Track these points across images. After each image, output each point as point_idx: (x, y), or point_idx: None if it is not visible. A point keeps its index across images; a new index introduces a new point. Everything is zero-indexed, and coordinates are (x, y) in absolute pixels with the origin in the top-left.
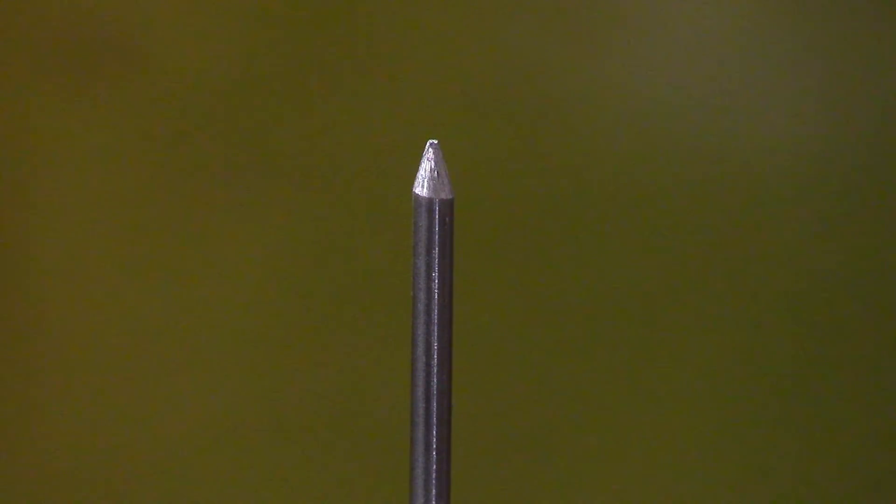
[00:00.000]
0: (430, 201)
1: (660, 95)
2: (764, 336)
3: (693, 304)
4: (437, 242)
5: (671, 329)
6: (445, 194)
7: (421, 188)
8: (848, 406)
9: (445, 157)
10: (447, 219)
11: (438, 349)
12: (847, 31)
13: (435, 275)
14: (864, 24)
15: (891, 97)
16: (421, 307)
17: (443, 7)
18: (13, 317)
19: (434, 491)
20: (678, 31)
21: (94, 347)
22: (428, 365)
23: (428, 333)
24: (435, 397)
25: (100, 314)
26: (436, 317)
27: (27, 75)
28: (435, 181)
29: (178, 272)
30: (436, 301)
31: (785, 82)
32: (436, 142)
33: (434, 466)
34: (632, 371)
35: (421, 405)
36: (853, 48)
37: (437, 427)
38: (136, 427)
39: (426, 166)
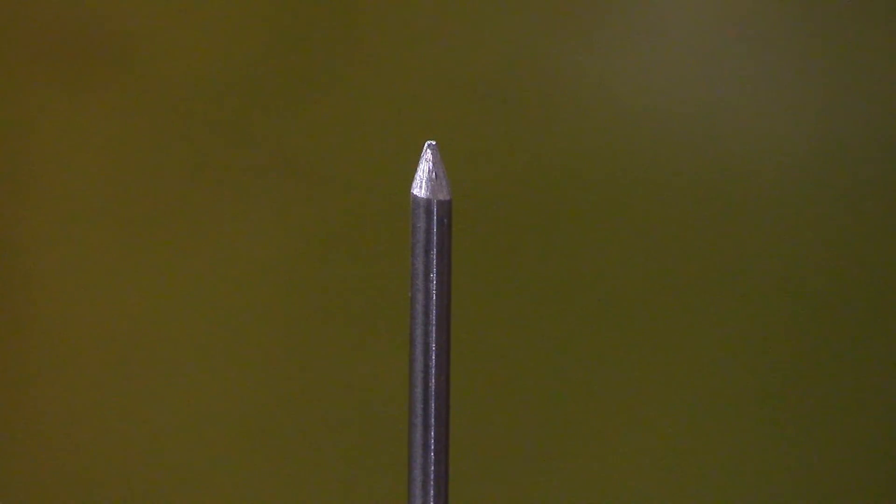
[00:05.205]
0: (428, 202)
1: (659, 96)
2: (763, 335)
3: (691, 305)
4: (435, 243)
5: (670, 329)
6: (443, 195)
7: (419, 189)
8: (847, 405)
9: (443, 159)
10: (445, 220)
11: (437, 350)
12: (847, 32)
13: (433, 276)
14: (865, 24)
15: (891, 97)
16: (419, 308)
17: (441, 7)
18: (9, 313)
19: (432, 492)
20: (679, 33)
21: (91, 345)
22: (426, 366)
23: (426, 334)
24: (433, 398)
25: (96, 312)
26: (434, 318)
27: (24, 74)
28: (433, 182)
29: (175, 273)
30: (434, 302)
31: (785, 82)
32: (434, 143)
33: (432, 467)
34: (630, 371)
35: (419, 406)
36: (853, 48)
37: (435, 428)
38: (134, 426)
39: (424, 167)
